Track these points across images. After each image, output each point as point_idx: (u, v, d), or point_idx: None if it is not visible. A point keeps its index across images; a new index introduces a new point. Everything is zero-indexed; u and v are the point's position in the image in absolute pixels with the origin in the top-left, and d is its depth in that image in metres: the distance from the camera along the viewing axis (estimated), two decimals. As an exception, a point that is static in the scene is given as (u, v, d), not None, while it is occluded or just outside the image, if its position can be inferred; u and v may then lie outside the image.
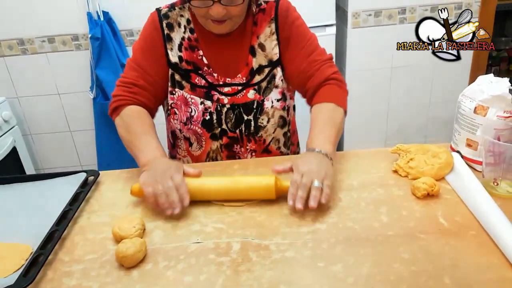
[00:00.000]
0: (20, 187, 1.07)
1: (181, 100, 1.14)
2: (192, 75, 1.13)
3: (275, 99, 1.16)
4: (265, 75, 1.14)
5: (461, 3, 2.24)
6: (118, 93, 1.13)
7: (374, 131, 2.55)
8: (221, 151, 1.19)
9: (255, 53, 1.14)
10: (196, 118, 1.14)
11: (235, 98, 1.14)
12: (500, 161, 0.90)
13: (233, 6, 1.01)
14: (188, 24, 1.13)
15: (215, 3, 0.99)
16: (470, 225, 0.82)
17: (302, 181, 0.87)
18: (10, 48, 2.30)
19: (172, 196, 0.88)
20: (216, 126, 1.15)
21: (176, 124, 1.19)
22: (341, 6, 2.34)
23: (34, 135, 2.52)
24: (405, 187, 0.96)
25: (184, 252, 0.81)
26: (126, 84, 1.13)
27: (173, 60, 1.13)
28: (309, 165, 0.90)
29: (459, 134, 1.04)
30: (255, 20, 1.13)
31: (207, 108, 1.14)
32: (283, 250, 0.79)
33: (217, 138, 1.17)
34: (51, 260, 0.81)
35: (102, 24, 2.17)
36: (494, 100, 0.95)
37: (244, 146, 1.19)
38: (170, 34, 1.13)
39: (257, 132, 1.17)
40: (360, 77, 2.38)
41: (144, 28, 1.15)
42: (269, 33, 1.13)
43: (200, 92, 1.14)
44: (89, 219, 0.94)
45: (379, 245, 0.79)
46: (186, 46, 1.13)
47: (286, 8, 1.14)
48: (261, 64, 1.14)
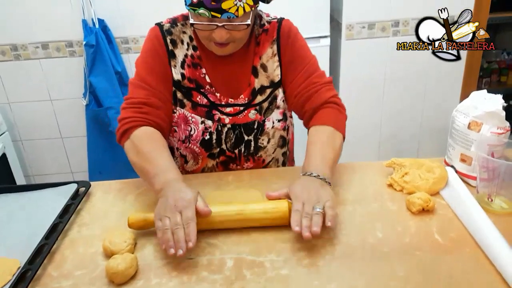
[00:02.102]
0: (8, 198, 1.05)
1: (181, 119, 1.12)
2: (194, 93, 1.11)
3: (276, 120, 1.14)
4: (267, 96, 1.13)
5: (453, 17, 2.26)
6: (127, 115, 1.04)
7: (367, 142, 2.55)
8: (216, 168, 1.18)
9: (257, 73, 1.12)
10: (195, 137, 1.12)
11: (236, 118, 1.12)
12: (494, 177, 0.91)
13: (236, 31, 0.99)
14: (191, 41, 1.11)
15: (218, 27, 0.97)
16: (465, 242, 0.82)
17: (304, 210, 0.82)
18: (3, 54, 2.27)
19: (178, 234, 0.78)
20: (215, 146, 1.13)
21: (173, 142, 1.17)
22: (335, 18, 2.35)
23: (25, 141, 2.49)
24: (400, 201, 0.96)
25: (176, 268, 0.79)
26: (135, 104, 1.05)
27: (176, 77, 1.10)
28: (308, 192, 0.85)
29: (453, 149, 1.04)
30: (258, 40, 1.12)
31: (207, 127, 1.12)
32: (278, 267, 0.78)
33: (214, 157, 1.16)
34: (40, 275, 0.79)
35: (97, 31, 2.16)
36: (488, 117, 0.95)
37: (241, 164, 1.17)
38: (174, 50, 1.10)
39: (256, 152, 1.15)
40: (353, 88, 2.38)
41: (146, 43, 1.11)
42: (271, 54, 1.12)
43: (201, 111, 1.11)
44: (80, 232, 0.93)
45: (374, 262, 0.78)
46: (189, 63, 1.10)
47: (288, 29, 1.12)
48: (263, 85, 1.12)
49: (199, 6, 0.94)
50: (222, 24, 0.96)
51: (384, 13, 2.24)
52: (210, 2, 0.92)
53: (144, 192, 1.06)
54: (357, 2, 2.22)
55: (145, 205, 1.01)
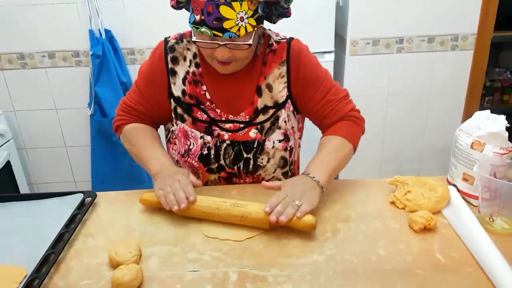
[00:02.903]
0: (14, 207, 1.06)
1: (181, 133, 1.15)
2: (194, 109, 1.13)
3: (277, 140, 1.14)
4: (269, 116, 1.12)
5: (457, 35, 2.30)
6: (120, 112, 1.20)
7: (369, 157, 2.56)
8: (219, 182, 1.19)
9: (261, 93, 1.12)
10: (194, 152, 1.14)
11: (235, 135, 1.12)
12: (496, 197, 0.91)
13: (238, 50, 1.00)
14: (194, 58, 1.12)
15: (220, 46, 0.98)
16: (466, 262, 0.83)
17: (285, 199, 0.92)
18: (10, 62, 2.31)
19: (179, 194, 0.95)
20: (214, 161, 1.15)
21: (174, 155, 1.21)
22: (340, 34, 2.38)
23: (29, 149, 2.51)
24: (402, 219, 0.97)
25: (180, 281, 0.80)
26: (126, 106, 1.19)
27: (176, 94, 1.13)
28: (296, 187, 0.95)
29: (455, 168, 1.05)
30: (264, 60, 1.12)
31: (206, 143, 1.13)
32: (280, 282, 0.78)
33: (214, 172, 1.17)
34: (46, 285, 0.80)
35: (103, 42, 2.19)
36: (491, 137, 0.96)
37: (244, 180, 1.18)
38: (174, 68, 1.12)
39: (255, 171, 1.16)
40: (356, 103, 2.37)
41: (150, 55, 1.16)
42: (278, 75, 1.11)
43: (201, 126, 1.13)
44: (85, 242, 0.93)
45: (376, 280, 0.78)
46: (190, 80, 1.12)
47: (299, 50, 1.12)
48: (266, 105, 1.12)
49: (201, 24, 0.95)
50: (224, 43, 0.97)
51: (388, 30, 2.27)
52: (212, 21, 0.94)
53: (149, 204, 1.07)
54: (362, 18, 2.25)
55: (150, 216, 1.02)
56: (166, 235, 0.94)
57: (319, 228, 0.94)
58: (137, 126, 1.18)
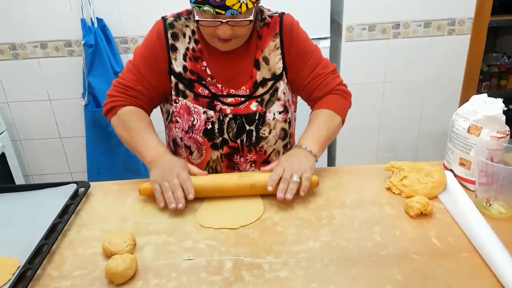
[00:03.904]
0: (7, 198, 1.05)
1: (184, 109, 1.14)
2: (195, 85, 1.14)
3: (277, 112, 1.16)
4: (268, 88, 1.15)
5: (454, 19, 2.27)
6: (114, 93, 1.16)
7: (365, 144, 2.56)
8: (221, 161, 1.19)
9: (259, 66, 1.14)
10: (198, 127, 1.14)
11: (237, 109, 1.14)
12: (493, 181, 0.91)
13: (239, 26, 1.02)
14: (193, 34, 1.13)
15: (223, 23, 1.00)
16: (463, 247, 0.82)
17: (283, 175, 0.97)
18: (1, 53, 2.27)
19: (177, 192, 0.94)
20: (218, 136, 1.15)
21: (177, 133, 1.18)
22: (336, 19, 2.35)
23: (24, 141, 2.48)
24: (398, 205, 0.96)
25: (176, 269, 0.79)
26: (123, 86, 1.15)
27: (177, 69, 1.13)
28: (291, 161, 1.01)
29: (452, 153, 1.05)
30: (259, 34, 1.14)
31: (209, 117, 1.14)
32: (276, 270, 0.78)
33: (217, 148, 1.17)
34: (39, 275, 0.79)
35: (96, 31, 2.15)
36: (488, 121, 0.96)
37: (244, 156, 1.19)
38: (175, 43, 1.13)
39: (258, 143, 1.17)
40: (353, 90, 2.33)
41: (148, 35, 1.15)
42: (273, 47, 1.14)
43: (203, 101, 1.14)
44: (79, 232, 0.93)
45: (372, 265, 0.78)
46: (191, 56, 1.13)
47: (291, 23, 1.15)
48: (264, 77, 1.15)
49: (204, 3, 0.96)
50: (226, 20, 0.99)
51: (384, 15, 2.25)
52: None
53: (143, 193, 1.06)
54: (357, 3, 2.22)
55: (144, 206, 1.01)
56: (161, 224, 0.94)
57: (315, 215, 0.94)
58: (133, 110, 1.14)
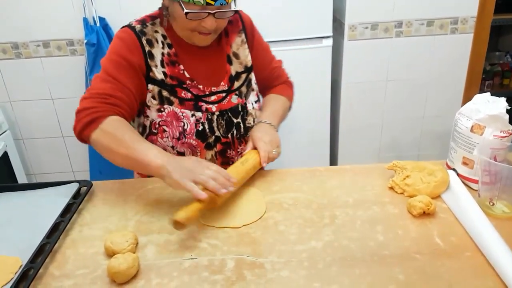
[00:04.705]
0: (9, 197, 1.05)
1: (171, 116, 1.12)
2: (177, 90, 1.12)
3: (254, 101, 1.25)
4: (243, 81, 1.21)
5: (457, 18, 2.26)
6: (91, 105, 1.02)
7: (367, 144, 2.55)
8: (215, 159, 1.19)
9: (231, 61, 1.20)
10: (190, 131, 1.13)
11: (221, 105, 1.16)
12: (496, 180, 0.90)
13: (222, 19, 1.06)
14: (164, 39, 1.12)
15: (209, 15, 1.02)
16: (466, 246, 0.82)
17: (269, 150, 1.10)
18: (4, 52, 2.27)
19: (220, 179, 0.90)
20: (210, 135, 1.15)
21: (166, 142, 1.14)
22: (338, 18, 2.35)
23: (26, 140, 2.49)
24: (401, 205, 0.96)
25: (177, 269, 0.79)
26: (100, 95, 1.03)
27: (159, 77, 1.10)
28: (266, 136, 1.13)
29: (455, 152, 1.04)
30: (226, 30, 1.19)
31: (198, 119, 1.13)
32: (278, 269, 0.78)
33: (211, 147, 1.17)
34: (41, 274, 0.79)
35: (98, 30, 2.16)
36: (491, 120, 0.95)
37: (236, 149, 1.21)
38: (152, 50, 1.10)
39: (246, 133, 1.22)
40: (355, 89, 2.38)
41: (116, 44, 1.09)
42: (241, 42, 1.22)
43: (189, 105, 1.13)
44: (81, 232, 0.93)
45: (374, 265, 0.78)
46: (167, 61, 1.11)
47: (249, 19, 1.25)
48: (237, 71, 1.20)
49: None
50: (214, 11, 1.02)
51: (387, 14, 2.24)
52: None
53: (144, 193, 1.06)
54: (360, 2, 2.21)
55: (147, 205, 1.01)
56: (163, 223, 0.93)
57: (317, 214, 0.93)
58: (119, 119, 1.02)
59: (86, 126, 1.00)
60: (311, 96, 2.29)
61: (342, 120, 2.46)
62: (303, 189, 1.04)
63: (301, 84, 2.31)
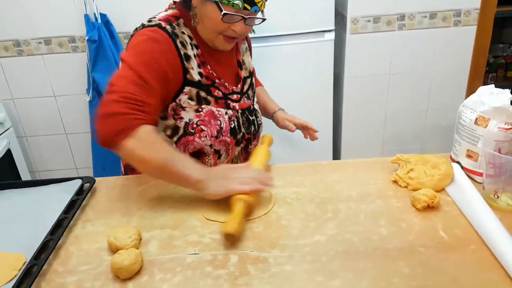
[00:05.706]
0: (13, 194, 1.05)
1: (209, 115, 1.10)
2: (211, 89, 1.12)
3: (256, 103, 1.30)
4: (249, 85, 1.26)
5: (460, 10, 2.24)
6: (124, 111, 0.94)
7: (371, 137, 2.54)
8: (241, 155, 1.23)
9: (241, 66, 1.24)
10: (225, 129, 1.13)
11: (240, 104, 1.20)
12: (500, 173, 0.90)
13: (249, 26, 1.07)
14: (191, 40, 1.09)
15: (241, 20, 1.03)
16: (470, 239, 0.82)
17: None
18: (6, 50, 2.27)
19: (262, 176, 0.96)
20: (239, 132, 1.17)
21: (204, 141, 1.11)
22: (340, 11, 2.33)
23: (29, 137, 2.49)
24: (404, 198, 0.95)
25: (181, 264, 0.79)
26: (134, 101, 0.96)
27: (196, 78, 1.08)
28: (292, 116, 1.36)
29: (459, 145, 1.03)
30: None
31: (230, 117, 1.14)
32: (281, 263, 0.77)
33: (239, 144, 1.19)
34: (45, 271, 0.80)
35: (99, 26, 2.15)
36: (495, 112, 0.94)
37: (253, 144, 1.26)
38: (187, 52, 1.06)
39: (259, 130, 1.28)
40: (358, 83, 2.37)
41: (147, 46, 1.02)
42: (245, 50, 1.28)
43: (221, 103, 1.14)
44: (84, 228, 0.93)
45: (378, 259, 0.77)
46: (199, 62, 1.10)
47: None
48: (245, 76, 1.24)
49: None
50: (248, 16, 1.03)
51: (389, 7, 2.22)
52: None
53: (147, 188, 1.06)
54: (362, -5, 2.20)
55: (150, 201, 1.01)
56: (166, 219, 0.93)
57: (320, 208, 0.93)
58: (154, 129, 0.98)
59: (118, 133, 0.94)
60: (314, 90, 2.28)
61: (345, 114, 2.45)
62: (305, 184, 1.04)
63: (303, 78, 2.32)
